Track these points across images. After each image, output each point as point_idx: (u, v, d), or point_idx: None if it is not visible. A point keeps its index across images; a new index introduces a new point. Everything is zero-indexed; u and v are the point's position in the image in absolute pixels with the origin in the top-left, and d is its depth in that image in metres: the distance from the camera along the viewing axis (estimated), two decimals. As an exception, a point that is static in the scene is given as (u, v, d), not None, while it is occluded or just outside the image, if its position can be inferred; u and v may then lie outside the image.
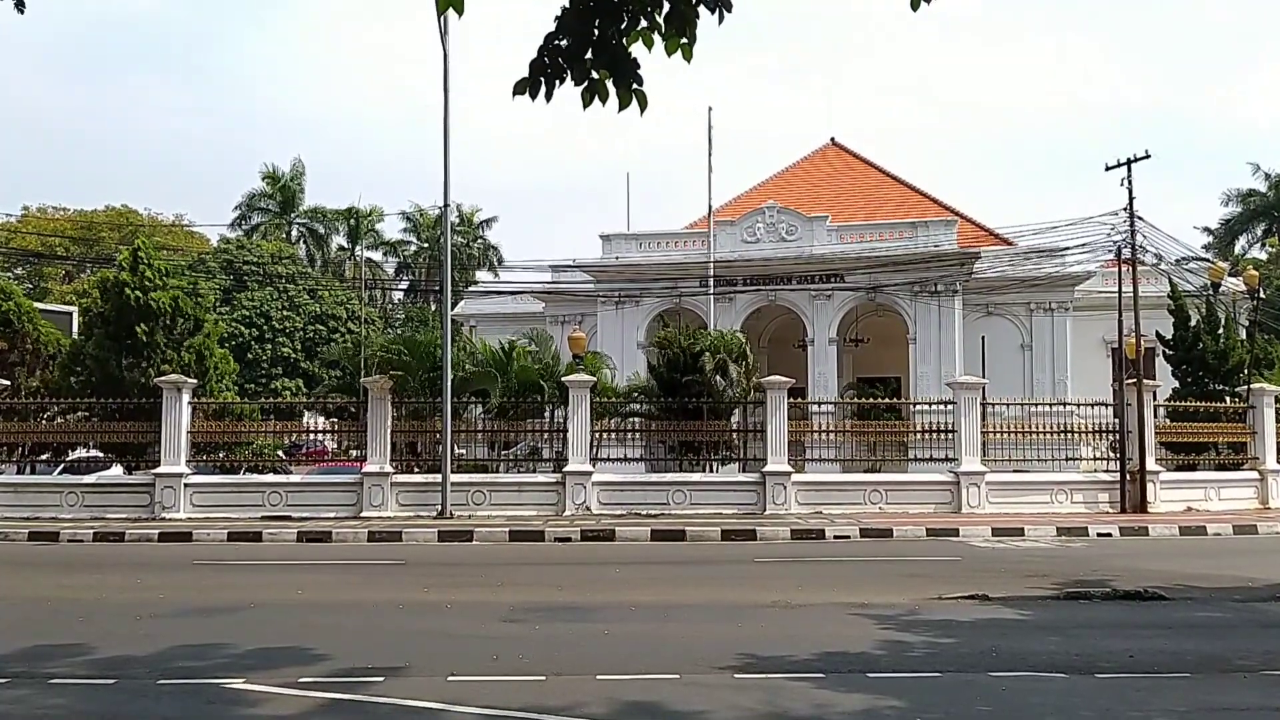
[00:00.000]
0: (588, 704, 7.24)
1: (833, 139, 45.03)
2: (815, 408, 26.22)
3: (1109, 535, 19.62)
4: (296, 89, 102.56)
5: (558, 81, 4.84)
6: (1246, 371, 26.43)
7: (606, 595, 12.33)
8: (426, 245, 63.19)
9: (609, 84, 4.85)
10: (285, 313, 47.08)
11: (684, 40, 4.88)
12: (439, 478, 20.93)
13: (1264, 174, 60.21)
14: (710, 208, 33.30)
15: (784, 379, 22.66)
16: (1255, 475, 24.15)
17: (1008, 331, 35.61)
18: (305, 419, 28.93)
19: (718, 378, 23.22)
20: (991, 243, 36.22)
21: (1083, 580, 13.14)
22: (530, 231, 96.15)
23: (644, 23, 4.83)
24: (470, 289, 47.68)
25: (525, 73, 4.93)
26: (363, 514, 20.92)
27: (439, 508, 20.75)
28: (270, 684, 7.82)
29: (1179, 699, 7.46)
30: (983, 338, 34.49)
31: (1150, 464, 22.74)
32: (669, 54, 4.89)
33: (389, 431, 21.61)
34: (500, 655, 8.75)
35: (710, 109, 33.76)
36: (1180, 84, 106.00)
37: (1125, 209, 24.32)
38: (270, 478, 22.72)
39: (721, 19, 4.90)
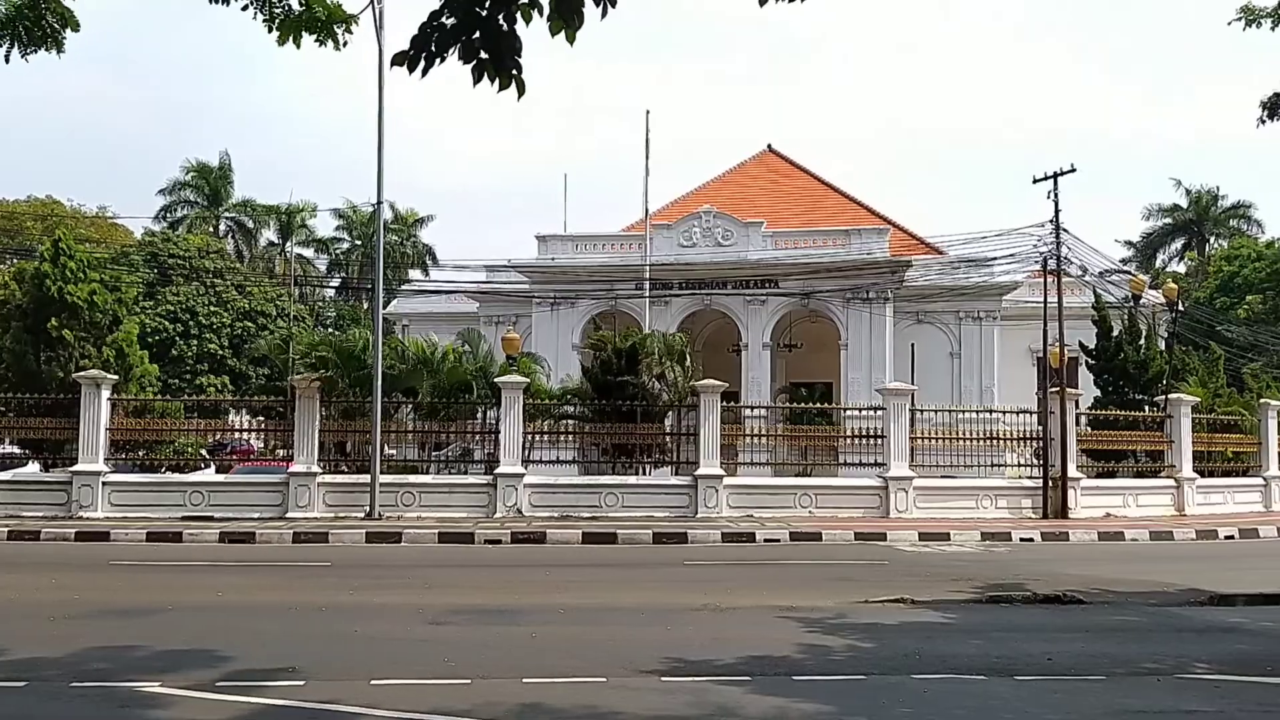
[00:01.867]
0: (512, 707, 7.18)
1: (770, 145, 45.39)
2: (748, 412, 26.38)
3: (1031, 540, 20.01)
4: (229, 82, 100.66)
5: (439, 60, 4.82)
6: (1165, 382, 27.17)
7: (535, 598, 12.26)
8: (360, 243, 62.38)
9: (494, 68, 4.85)
10: (212, 308, 46.06)
11: (569, 26, 4.88)
12: (368, 478, 20.64)
13: (1185, 190, 62.12)
14: (647, 211, 33.36)
15: (718, 383, 22.76)
16: (1172, 483, 24.82)
17: (937, 339, 36.22)
18: (231, 417, 28.36)
19: (652, 381, 23.24)
20: (923, 252, 36.83)
21: (1005, 584, 13.38)
22: (466, 232, 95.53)
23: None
24: (404, 288, 47.21)
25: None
26: (288, 515, 20.54)
27: (367, 509, 20.46)
28: (187, 687, 7.63)
29: (1095, 701, 7.62)
30: (912, 345, 35.06)
31: (1072, 471, 23.26)
32: (552, 35, 4.88)
33: (317, 431, 21.25)
34: (425, 658, 8.64)
35: (648, 113, 33.83)
36: (1107, 102, 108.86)
37: (1051, 221, 24.88)
38: (192, 477, 22.19)
39: (605, 13, 4.90)
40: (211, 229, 58.48)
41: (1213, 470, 26.25)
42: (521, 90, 4.94)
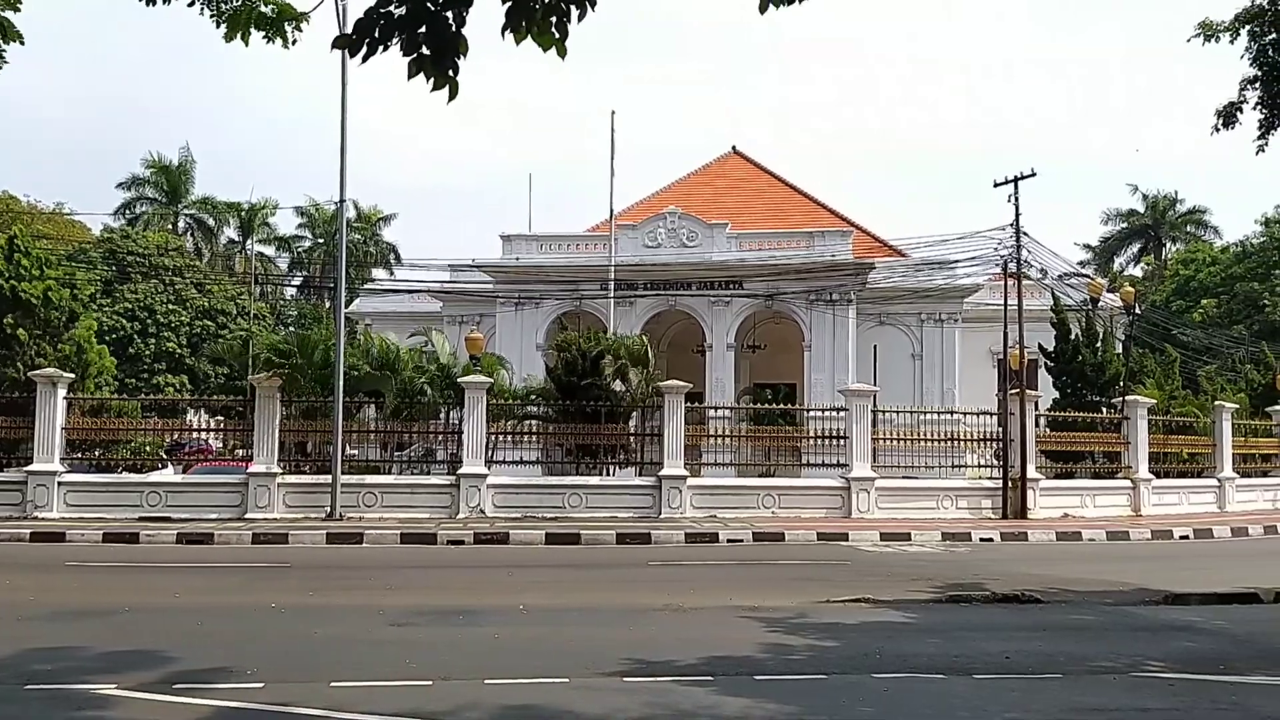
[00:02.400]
0: (474, 709, 7.15)
1: (734, 147, 45.55)
2: (712, 412, 26.38)
3: (991, 540, 20.22)
4: (190, 77, 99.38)
5: (381, 47, 4.79)
6: (1122, 384, 27.57)
7: (498, 599, 12.21)
8: (322, 241, 61.82)
9: (447, 70, 4.83)
10: (170, 307, 45.50)
11: (557, 36, 4.85)
12: (329, 479, 20.47)
13: (1142, 195, 63.13)
14: (612, 211, 33.36)
15: (682, 384, 22.80)
16: (1128, 484, 25.18)
17: (899, 341, 36.50)
18: (189, 417, 28.01)
19: (616, 382, 23.25)
20: (886, 254, 37.12)
21: (964, 584, 13.51)
22: (430, 231, 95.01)
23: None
24: (366, 287, 46.85)
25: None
26: (248, 515, 20.33)
27: (328, 509, 20.30)
28: (143, 690, 7.53)
29: (1051, 700, 7.71)
30: (875, 346, 35.31)
31: (1031, 472, 23.53)
32: (544, 50, 4.86)
33: (277, 431, 21.03)
34: (385, 660, 8.58)
35: (613, 113, 33.71)
36: (1070, 107, 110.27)
37: (1012, 225, 25.15)
38: (150, 477, 21.88)
39: (583, 15, 4.88)
40: (171, 226, 57.73)
41: (1168, 471, 26.67)
42: (454, 93, 4.89)
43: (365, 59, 4.85)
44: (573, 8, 4.81)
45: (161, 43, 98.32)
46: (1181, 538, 21.73)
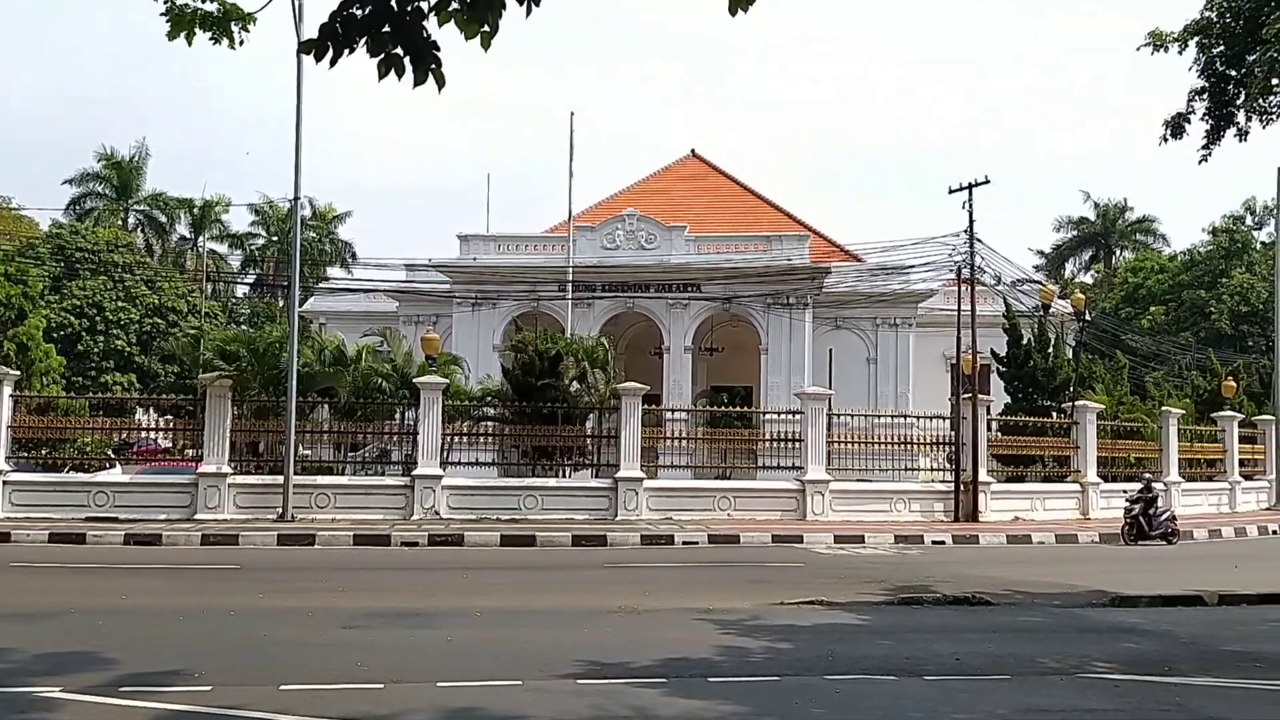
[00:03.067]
0: (425, 712, 7.10)
1: (693, 150, 45.67)
2: (669, 415, 26.43)
3: (943, 543, 20.44)
4: (143, 71, 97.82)
5: (347, 50, 4.74)
6: (1072, 389, 27.96)
7: (452, 601, 12.14)
8: (276, 239, 61.07)
9: (406, 61, 4.78)
10: (120, 304, 44.75)
11: (485, 29, 4.82)
12: (281, 479, 20.22)
13: (1094, 203, 64.19)
14: (570, 213, 33.31)
15: (639, 386, 22.81)
16: (1077, 487, 25.57)
17: (854, 345, 36.78)
18: (138, 416, 27.54)
19: (574, 383, 23.21)
20: (842, 259, 37.39)
21: (916, 586, 13.64)
22: (386, 230, 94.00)
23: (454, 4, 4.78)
24: (321, 285, 46.30)
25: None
26: (197, 516, 20.03)
27: (280, 510, 20.05)
28: (89, 693, 7.40)
29: (1000, 700, 7.81)
30: (830, 350, 35.55)
31: (983, 475, 23.81)
32: (466, 39, 4.83)
33: (228, 431, 20.75)
34: (336, 662, 8.50)
35: (572, 114, 33.65)
36: (1025, 114, 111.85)
37: (966, 231, 25.45)
38: (97, 476, 21.50)
39: (529, 11, 4.87)
40: (121, 222, 56.76)
41: (1116, 475, 27.05)
42: (441, 83, 4.87)
43: (333, 63, 4.79)
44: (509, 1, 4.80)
45: (116, 36, 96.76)
46: (1128, 541, 22.06)
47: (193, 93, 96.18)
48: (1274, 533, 25.14)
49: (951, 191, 25.14)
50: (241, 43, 5.59)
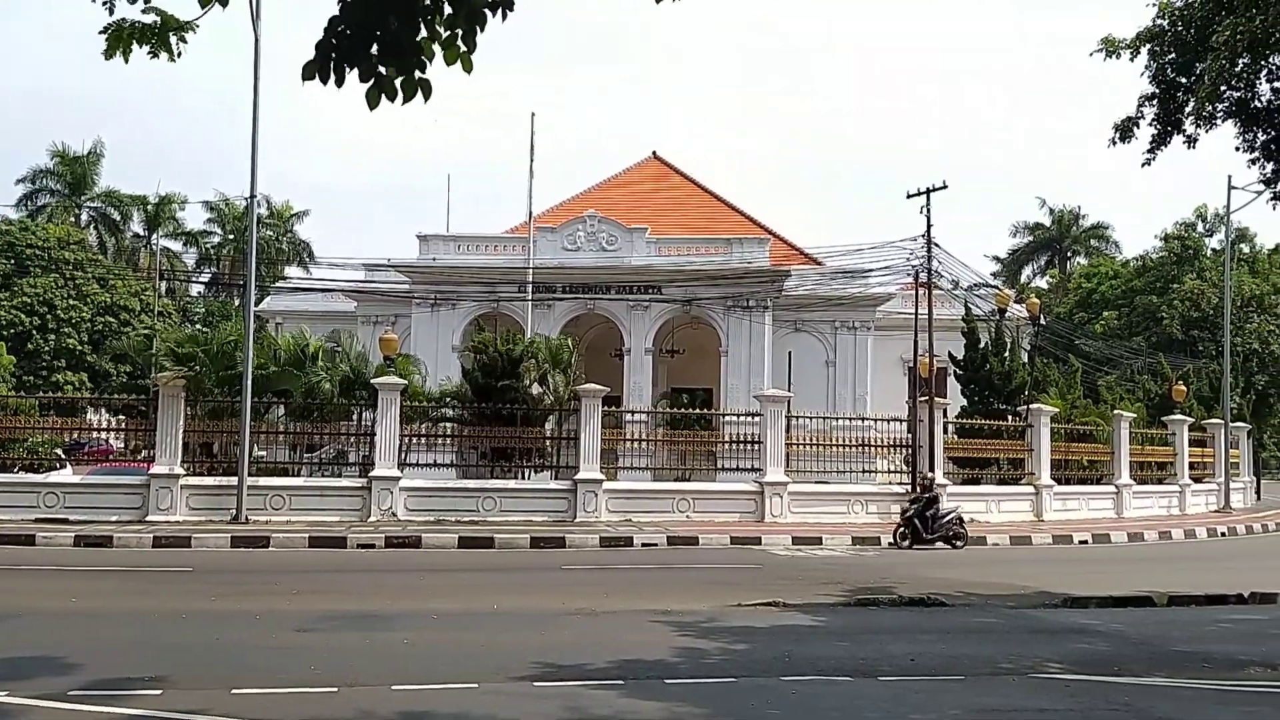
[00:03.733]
0: (380, 715, 7.04)
1: (654, 152, 45.75)
2: (629, 417, 26.43)
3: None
4: (96, 67, 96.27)
5: (347, 67, 4.67)
6: (1027, 393, 28.32)
7: (408, 603, 12.05)
8: (232, 237, 60.28)
9: (397, 82, 4.72)
10: (71, 302, 44.01)
11: (464, 49, 4.78)
12: (234, 480, 19.96)
13: (1049, 209, 65.12)
14: (531, 213, 33.21)
15: (599, 387, 22.78)
16: (1031, 490, 25.88)
17: (814, 348, 37.00)
18: (89, 416, 27.05)
19: (535, 385, 23.13)
20: (802, 262, 37.60)
21: (873, 587, 13.74)
22: (345, 229, 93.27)
23: (430, 30, 4.73)
24: (278, 285, 45.81)
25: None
26: (149, 518, 19.72)
27: (234, 512, 19.79)
28: (38, 697, 7.25)
29: (954, 700, 7.88)
30: (790, 353, 35.75)
31: (939, 477, 24.00)
32: (448, 64, 4.80)
33: (181, 431, 20.45)
34: (290, 666, 8.40)
35: (533, 115, 33.66)
36: (985, 121, 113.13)
37: (924, 235, 25.69)
38: (47, 477, 21.12)
39: (504, 17, 4.84)
40: (73, 219, 55.80)
41: (1069, 478, 27.50)
42: (428, 94, 4.82)
43: (340, 83, 4.69)
44: (477, 26, 4.76)
45: (69, 30, 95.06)
46: (1081, 542, 22.38)
47: (148, 87, 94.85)
48: (1222, 535, 25.61)
49: (910, 196, 25.37)
50: (180, 54, 5.41)
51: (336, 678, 8.00)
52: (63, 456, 24.79)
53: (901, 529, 19.98)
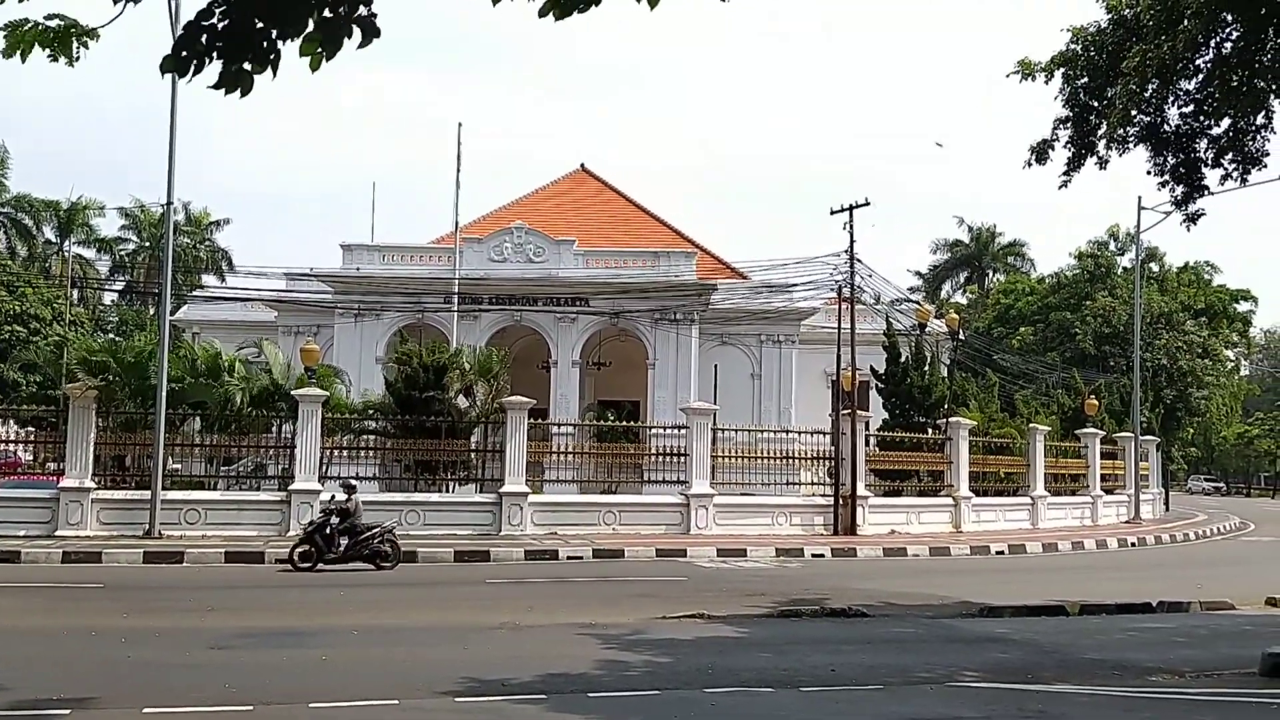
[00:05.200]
0: (296, 734, 6.91)
1: (583, 165, 45.71)
2: (556, 429, 26.33)
3: (822, 556, 20.82)
4: (6, 69, 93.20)
5: (207, 59, 4.62)
6: (946, 406, 28.86)
7: (327, 619, 11.84)
8: (148, 244, 58.71)
9: (254, 78, 4.69)
10: (-22, 309, 42.50)
11: (320, 51, 4.74)
12: (148, 494, 19.42)
13: (968, 227, 66.69)
14: (457, 224, 32.95)
15: (525, 399, 22.66)
16: (950, 501, 26.37)
17: (740, 360, 37.23)
18: (-4, 427, 26.10)
19: (460, 397, 22.91)
20: (728, 276, 37.87)
21: (796, 599, 13.88)
22: (267, 238, 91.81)
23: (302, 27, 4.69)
24: (195, 293, 44.67)
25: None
26: (58, 533, 19.09)
27: (146, 527, 19.25)
28: (-70, 723, 6.98)
29: (873, 710, 8.00)
30: (716, 366, 35.92)
31: (861, 490, 24.34)
32: (301, 55, 4.75)
33: (92, 443, 19.86)
34: (204, 684, 8.20)
35: (460, 125, 33.30)
36: (906, 140, 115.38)
37: (847, 251, 26.07)
38: (-52, 492, 20.31)
39: (365, 44, 4.80)
40: (-19, 224, 53.90)
41: (987, 490, 28.07)
42: (248, 88, 4.76)
43: (192, 78, 4.65)
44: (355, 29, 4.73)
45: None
46: (998, 553, 22.86)
47: (62, 91, 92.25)
48: (1132, 545, 26.35)
49: (833, 212, 25.70)
50: (80, 58, 5.27)
51: (252, 696, 7.83)
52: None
53: (303, 547, 16.52)
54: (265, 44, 4.60)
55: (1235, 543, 29.27)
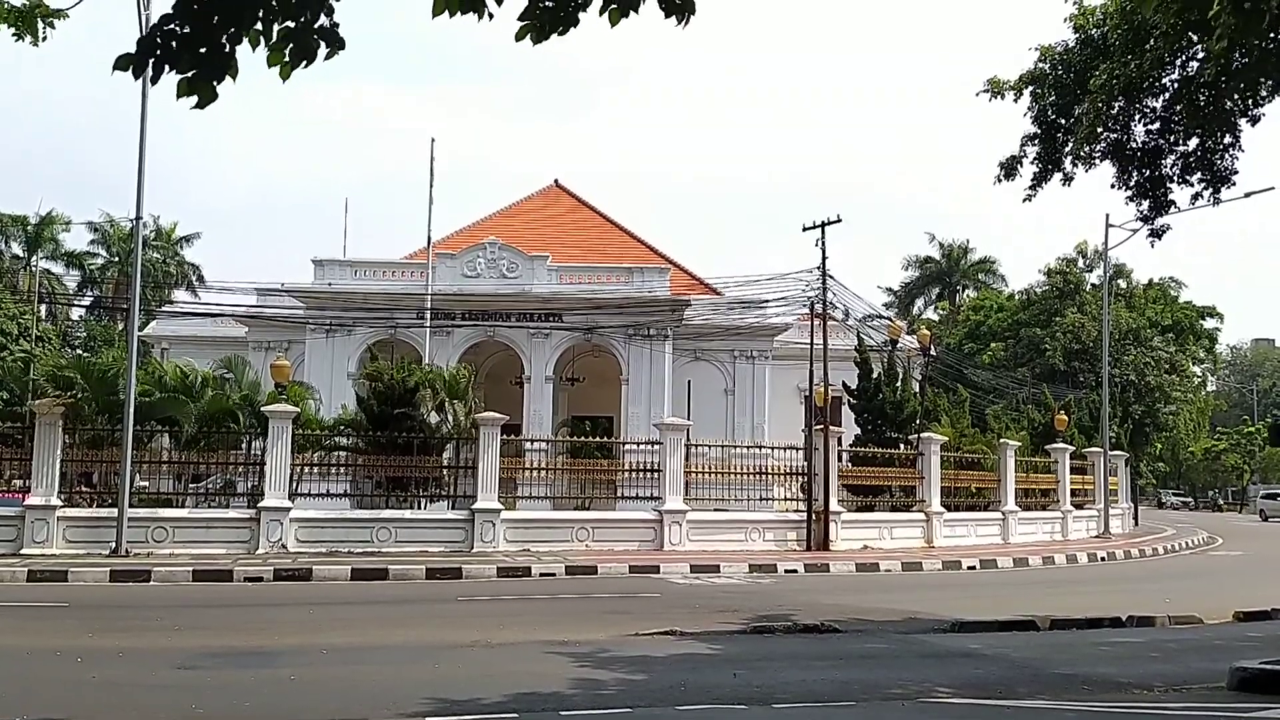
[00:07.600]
0: (264, 756, 6.81)
1: (556, 180, 45.76)
2: (529, 445, 26.19)
3: (796, 571, 20.83)
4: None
5: (166, 66, 4.59)
6: (918, 421, 29.00)
7: (297, 638, 11.70)
8: (116, 259, 58.19)
9: (215, 86, 4.66)
10: (-58, 325, 41.89)
11: (287, 61, 4.72)
12: (115, 512, 19.17)
13: (939, 243, 67.27)
14: (430, 239, 32.87)
15: (498, 415, 22.58)
16: (922, 516, 26.46)
17: (713, 376, 37.30)
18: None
19: (432, 413, 22.79)
20: (702, 292, 37.98)
21: (769, 615, 13.85)
22: (238, 253, 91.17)
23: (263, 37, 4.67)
24: (164, 309, 44.24)
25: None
26: (23, 551, 18.81)
27: (114, 545, 19.00)
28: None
29: (847, 726, 7.98)
30: (689, 381, 35.96)
31: (834, 505, 24.38)
32: (269, 65, 4.73)
33: (59, 460, 19.60)
34: (169, 705, 8.07)
35: (433, 140, 33.42)
36: (880, 157, 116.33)
37: (819, 268, 26.21)
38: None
39: (330, 56, 4.80)
40: (-55, 239, 53.24)
41: (958, 505, 28.19)
42: (211, 99, 4.73)
43: (155, 80, 4.61)
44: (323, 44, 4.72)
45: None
46: (969, 568, 22.94)
47: (29, 103, 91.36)
48: (1102, 559, 26.53)
49: (806, 229, 25.85)
50: (45, 38, 5.20)
51: (219, 716, 7.74)
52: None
53: None
54: (224, 53, 4.56)
55: (1203, 557, 29.53)
